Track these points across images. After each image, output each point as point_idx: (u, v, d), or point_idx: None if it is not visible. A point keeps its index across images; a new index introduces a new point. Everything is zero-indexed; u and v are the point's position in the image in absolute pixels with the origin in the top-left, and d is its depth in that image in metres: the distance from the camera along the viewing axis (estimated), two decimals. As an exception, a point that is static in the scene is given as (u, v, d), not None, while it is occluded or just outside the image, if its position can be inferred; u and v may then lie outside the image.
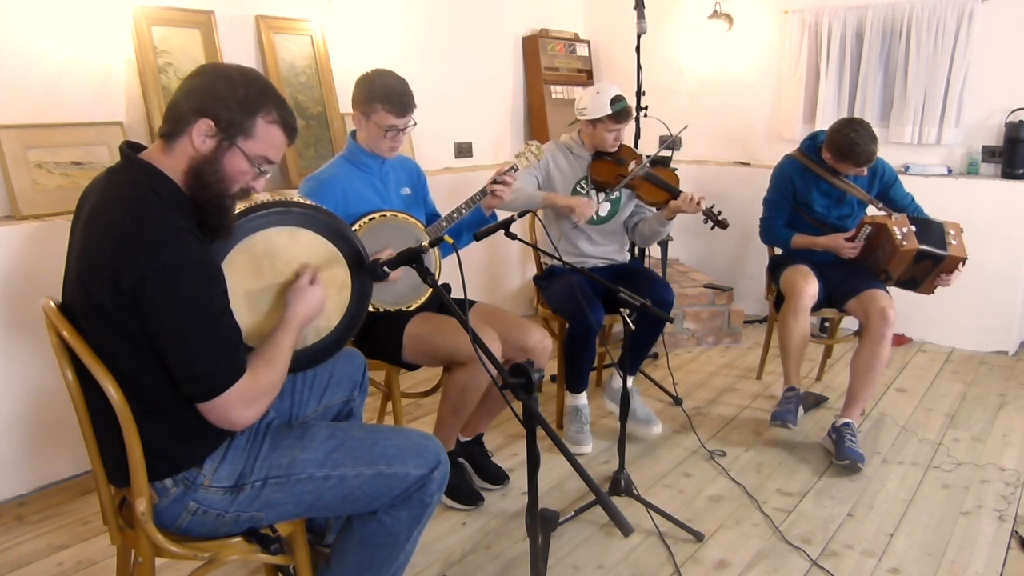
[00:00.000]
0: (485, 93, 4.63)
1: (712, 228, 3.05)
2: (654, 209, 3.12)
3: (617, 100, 2.97)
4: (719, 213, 3.01)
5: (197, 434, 1.53)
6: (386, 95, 2.39)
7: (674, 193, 3.00)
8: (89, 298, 1.40)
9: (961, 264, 2.99)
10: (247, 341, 1.59)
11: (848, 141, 2.95)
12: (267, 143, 1.50)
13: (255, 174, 1.52)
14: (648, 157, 3.09)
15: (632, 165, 3.06)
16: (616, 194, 3.11)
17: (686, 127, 3.32)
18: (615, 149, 3.10)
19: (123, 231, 1.38)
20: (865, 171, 3.07)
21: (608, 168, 3.09)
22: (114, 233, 1.38)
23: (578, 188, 3.12)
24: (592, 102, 3.00)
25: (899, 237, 2.90)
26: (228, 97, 1.45)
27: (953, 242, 2.98)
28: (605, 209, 3.13)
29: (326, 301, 1.73)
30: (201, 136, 1.45)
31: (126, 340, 1.42)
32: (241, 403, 1.47)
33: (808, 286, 3.03)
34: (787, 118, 4.65)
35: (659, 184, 3.06)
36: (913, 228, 2.93)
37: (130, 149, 1.51)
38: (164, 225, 1.40)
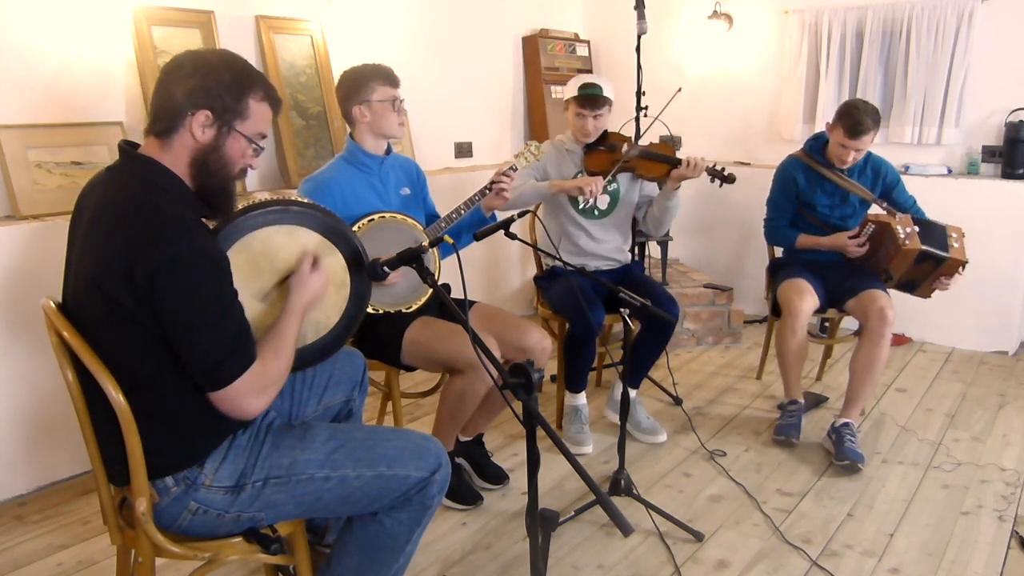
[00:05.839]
0: (485, 93, 4.63)
1: (720, 186, 3.02)
2: (657, 188, 3.11)
3: (587, 85, 2.99)
4: (723, 169, 2.99)
5: (199, 432, 1.54)
6: (377, 72, 2.49)
7: (673, 163, 2.96)
8: (104, 295, 1.41)
9: (961, 268, 2.99)
10: None
11: (847, 107, 3.04)
12: (260, 120, 1.57)
13: (253, 152, 1.58)
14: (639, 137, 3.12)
15: (625, 148, 3.07)
16: (615, 184, 3.10)
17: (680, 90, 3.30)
18: (591, 139, 3.09)
19: (133, 225, 1.40)
20: (852, 153, 3.05)
21: (602, 156, 3.09)
22: (124, 228, 1.40)
23: None
24: (569, 85, 3.08)
25: (902, 236, 2.90)
26: (217, 85, 1.50)
27: (955, 245, 2.97)
28: (604, 202, 3.12)
29: (328, 287, 1.74)
30: (200, 127, 1.50)
31: (140, 334, 1.44)
32: (251, 392, 1.50)
33: (804, 304, 3.02)
34: (787, 118, 4.64)
35: (656, 158, 3.04)
36: (916, 228, 2.94)
37: (128, 147, 1.54)
38: (172, 217, 1.42)
